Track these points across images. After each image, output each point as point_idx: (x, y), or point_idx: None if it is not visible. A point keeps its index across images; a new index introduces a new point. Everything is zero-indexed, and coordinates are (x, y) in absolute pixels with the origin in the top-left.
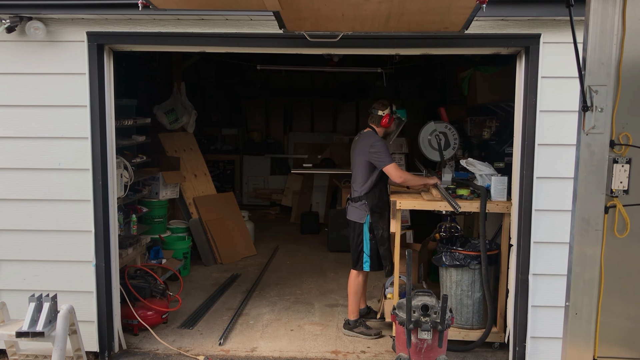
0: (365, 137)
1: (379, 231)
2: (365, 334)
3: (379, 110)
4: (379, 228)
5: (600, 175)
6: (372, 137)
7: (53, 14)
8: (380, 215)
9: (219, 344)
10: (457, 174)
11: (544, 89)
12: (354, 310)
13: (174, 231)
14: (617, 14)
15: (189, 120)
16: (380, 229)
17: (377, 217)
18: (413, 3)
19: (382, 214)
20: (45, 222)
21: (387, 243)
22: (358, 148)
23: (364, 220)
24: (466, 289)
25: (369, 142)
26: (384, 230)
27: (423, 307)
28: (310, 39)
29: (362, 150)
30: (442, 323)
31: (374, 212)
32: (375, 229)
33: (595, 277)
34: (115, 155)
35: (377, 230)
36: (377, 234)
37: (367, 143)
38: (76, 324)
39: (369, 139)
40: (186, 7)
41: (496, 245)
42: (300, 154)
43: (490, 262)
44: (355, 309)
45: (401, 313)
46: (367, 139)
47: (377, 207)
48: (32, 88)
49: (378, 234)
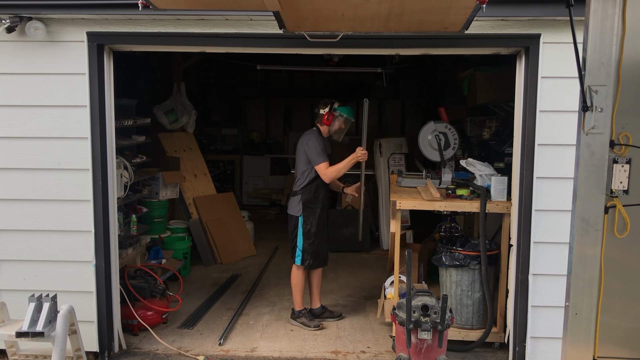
0: (305, 135)
1: (307, 226)
2: (306, 324)
3: (320, 109)
4: (307, 223)
5: (600, 175)
6: (309, 135)
7: (53, 14)
8: (312, 211)
9: (219, 344)
10: (457, 174)
11: (543, 89)
12: (298, 301)
13: (173, 231)
14: (617, 14)
15: (188, 120)
16: (309, 224)
17: (309, 212)
18: (413, 3)
19: (314, 209)
20: (45, 222)
21: (313, 239)
22: (298, 144)
23: (299, 214)
24: (466, 289)
25: (304, 141)
26: (312, 226)
27: (423, 307)
28: (310, 39)
29: (300, 147)
30: (442, 323)
31: (306, 207)
32: (304, 223)
33: (595, 277)
34: (115, 155)
35: (305, 225)
36: (305, 228)
37: (304, 140)
38: (76, 324)
39: (306, 137)
40: (186, 7)
41: (496, 245)
42: None
43: (490, 262)
44: (299, 300)
45: (401, 313)
46: (306, 136)
47: (309, 202)
48: (32, 88)
49: (306, 229)
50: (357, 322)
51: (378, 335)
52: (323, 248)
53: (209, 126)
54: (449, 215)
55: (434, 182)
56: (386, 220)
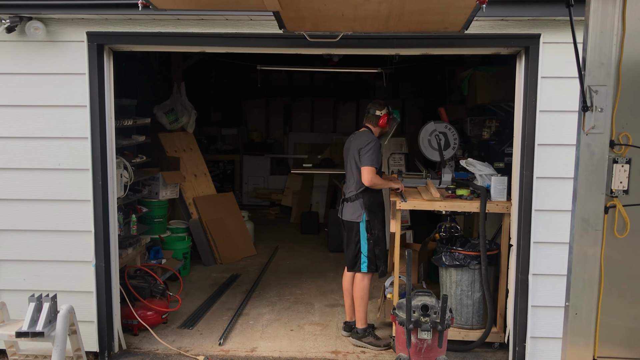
0: (362, 135)
1: (375, 230)
2: (374, 344)
3: (376, 110)
4: (375, 227)
5: (600, 175)
6: (368, 136)
7: (53, 14)
8: (376, 215)
9: (219, 344)
10: (457, 174)
11: (543, 89)
12: (362, 317)
13: (173, 231)
14: (617, 14)
15: (188, 120)
16: (376, 228)
17: (374, 217)
18: (413, 3)
19: (377, 214)
20: (45, 222)
21: (383, 243)
22: (353, 146)
23: (361, 219)
24: (466, 289)
25: (364, 140)
26: (379, 230)
27: (423, 307)
28: (310, 39)
29: (355, 151)
30: (442, 323)
31: (371, 212)
32: (372, 228)
33: (595, 277)
34: (115, 155)
35: (374, 230)
36: (374, 233)
37: (363, 141)
38: (76, 324)
39: (364, 137)
40: (186, 7)
41: (496, 245)
42: (300, 154)
43: (490, 262)
44: (364, 315)
45: (401, 313)
46: (363, 136)
47: (373, 206)
48: (32, 88)
49: (374, 234)
50: None
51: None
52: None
53: (209, 126)
54: (449, 215)
55: (434, 182)
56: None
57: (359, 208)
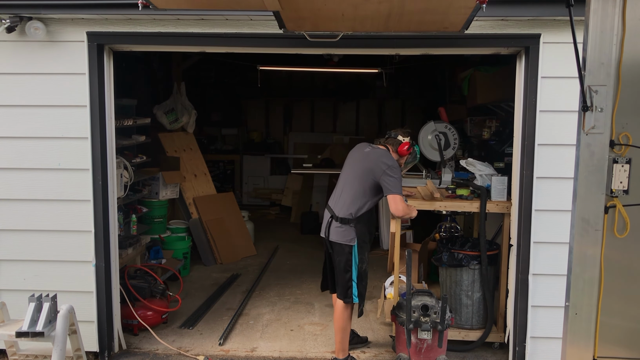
0: (381, 155)
1: (362, 265)
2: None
3: (400, 135)
4: (363, 261)
5: (600, 175)
6: (389, 158)
7: (53, 14)
8: (366, 247)
9: (219, 344)
10: (457, 174)
11: (544, 89)
12: (343, 348)
13: (173, 231)
14: (617, 14)
15: (189, 120)
16: (364, 262)
17: (364, 249)
18: (413, 3)
19: (366, 245)
20: (45, 222)
21: (365, 280)
22: (367, 162)
23: (354, 242)
24: (466, 289)
25: (385, 161)
26: (366, 265)
27: (423, 307)
28: (310, 39)
29: (373, 167)
30: (442, 323)
31: (361, 244)
32: (360, 262)
33: (595, 277)
34: (115, 155)
35: (361, 264)
36: (361, 267)
37: (383, 162)
38: (76, 324)
39: (385, 158)
40: (186, 7)
41: (496, 245)
42: (300, 154)
43: (490, 262)
44: (345, 346)
45: (401, 313)
46: (383, 157)
47: (364, 235)
48: (32, 88)
49: (362, 268)
50: (357, 322)
51: (378, 335)
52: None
53: (209, 126)
54: (449, 215)
55: (434, 182)
56: (386, 220)
57: (351, 232)
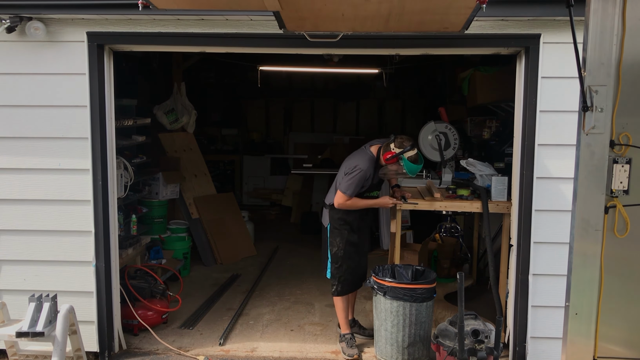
0: (359, 157)
1: (333, 247)
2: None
3: (393, 144)
4: (333, 245)
5: (600, 175)
6: (362, 161)
7: (53, 14)
8: (339, 232)
9: (219, 344)
10: (457, 174)
11: (544, 89)
12: (341, 323)
13: (174, 231)
14: (617, 14)
15: (189, 120)
16: (335, 246)
17: (336, 234)
18: (413, 3)
19: (341, 231)
20: (45, 222)
21: (340, 262)
22: (345, 164)
23: (327, 224)
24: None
25: (352, 164)
26: (338, 249)
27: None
28: (310, 39)
29: (343, 165)
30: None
31: (333, 228)
32: (330, 244)
33: (595, 277)
34: (115, 155)
35: (332, 247)
36: (332, 249)
37: (350, 164)
38: (76, 324)
39: (358, 160)
40: (186, 7)
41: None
42: (301, 154)
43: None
44: (342, 322)
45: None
46: (358, 159)
47: (337, 222)
48: (32, 88)
49: (332, 250)
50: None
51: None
52: (356, 272)
53: (209, 126)
54: (450, 216)
55: (434, 182)
56: (386, 220)
57: (327, 216)
